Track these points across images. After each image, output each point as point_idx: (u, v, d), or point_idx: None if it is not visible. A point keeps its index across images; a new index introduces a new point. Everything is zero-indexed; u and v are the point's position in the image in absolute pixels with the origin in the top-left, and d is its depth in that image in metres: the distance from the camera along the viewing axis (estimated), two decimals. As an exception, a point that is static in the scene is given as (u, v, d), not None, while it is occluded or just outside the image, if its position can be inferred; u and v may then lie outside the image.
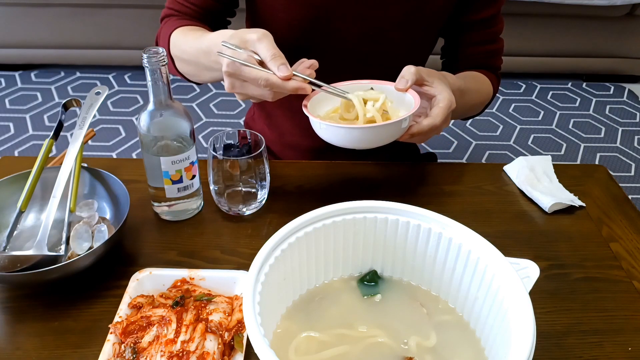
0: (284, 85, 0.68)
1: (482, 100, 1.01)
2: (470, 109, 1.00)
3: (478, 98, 0.98)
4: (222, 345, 0.58)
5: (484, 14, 0.96)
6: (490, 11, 0.96)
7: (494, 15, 0.97)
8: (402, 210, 0.56)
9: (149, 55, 0.67)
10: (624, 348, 0.63)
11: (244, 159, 0.76)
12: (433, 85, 0.78)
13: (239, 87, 0.71)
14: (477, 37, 0.98)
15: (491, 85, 1.01)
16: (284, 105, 1.02)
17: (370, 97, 0.77)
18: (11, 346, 0.61)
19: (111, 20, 2.46)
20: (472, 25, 0.97)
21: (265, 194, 0.81)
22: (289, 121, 1.05)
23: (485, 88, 1.00)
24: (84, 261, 0.65)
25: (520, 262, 0.55)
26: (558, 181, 0.89)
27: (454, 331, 0.56)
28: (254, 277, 0.49)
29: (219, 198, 0.79)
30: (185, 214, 0.79)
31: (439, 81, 0.78)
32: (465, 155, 2.21)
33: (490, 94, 1.02)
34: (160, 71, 0.69)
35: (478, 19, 0.96)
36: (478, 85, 0.98)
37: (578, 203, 0.84)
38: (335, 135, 0.74)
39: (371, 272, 0.61)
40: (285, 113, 1.04)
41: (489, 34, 0.99)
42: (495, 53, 1.02)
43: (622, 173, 2.14)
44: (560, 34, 2.56)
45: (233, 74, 0.69)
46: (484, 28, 0.98)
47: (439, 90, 0.77)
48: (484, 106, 1.04)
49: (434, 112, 0.76)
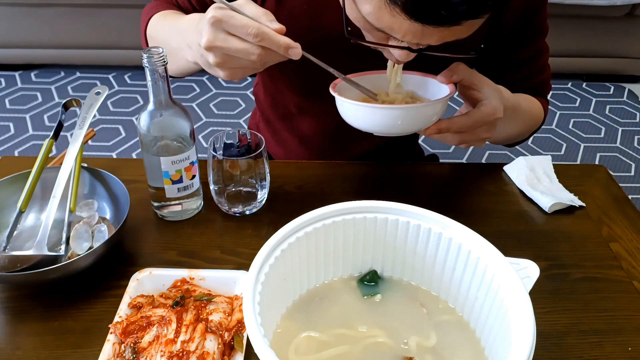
0: (276, 37, 0.59)
1: (533, 123, 0.93)
2: (519, 132, 0.92)
3: (530, 120, 0.91)
4: (222, 345, 0.58)
5: (529, 51, 0.87)
6: (535, 46, 0.88)
7: (539, 49, 0.89)
8: (402, 210, 0.56)
9: (149, 55, 0.67)
10: (624, 348, 0.63)
11: (243, 159, 0.75)
12: (482, 91, 0.71)
13: (222, 40, 0.60)
14: (522, 73, 0.90)
15: (542, 110, 0.94)
16: (293, 128, 1.00)
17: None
18: (11, 346, 0.61)
19: (111, 20, 2.46)
20: (516, 64, 0.89)
21: (265, 194, 0.81)
22: (297, 144, 1.02)
23: (537, 112, 0.92)
24: (84, 261, 0.65)
25: (520, 262, 0.55)
26: (558, 181, 0.89)
27: (454, 331, 0.56)
28: (254, 277, 0.49)
29: (219, 198, 0.79)
30: (185, 214, 0.79)
31: (489, 88, 0.71)
32: (465, 156, 2.21)
33: (541, 119, 0.95)
34: (160, 71, 0.69)
35: (522, 57, 0.88)
36: (531, 107, 0.90)
37: (578, 203, 0.84)
38: (355, 113, 0.69)
39: (371, 272, 0.61)
40: (294, 137, 1.02)
41: (535, 66, 0.90)
42: (543, 83, 0.93)
43: (622, 173, 2.14)
44: (560, 34, 2.55)
45: (220, 19, 0.59)
46: (529, 63, 0.89)
47: (486, 96, 0.70)
48: (532, 131, 0.96)
49: (473, 112, 0.70)
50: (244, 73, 0.65)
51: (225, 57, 0.61)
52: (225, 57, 0.61)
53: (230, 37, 0.60)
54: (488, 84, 0.72)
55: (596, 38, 2.58)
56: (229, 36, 0.60)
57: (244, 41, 0.60)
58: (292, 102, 0.96)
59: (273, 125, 1.04)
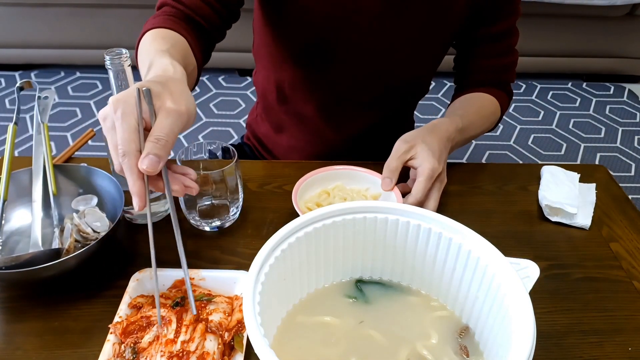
0: (132, 178, 0.53)
1: (487, 127, 0.99)
2: (474, 138, 0.98)
3: (481, 126, 0.96)
4: (222, 345, 0.58)
5: (500, 27, 0.94)
6: (505, 24, 0.94)
7: (510, 27, 0.95)
8: (402, 210, 0.56)
9: (112, 57, 0.64)
10: (624, 348, 0.63)
11: (215, 172, 0.72)
12: (416, 157, 0.79)
13: (109, 125, 0.55)
14: (492, 49, 0.96)
15: (499, 107, 0.99)
16: (290, 111, 1.03)
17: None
18: (11, 346, 0.61)
19: (111, 20, 2.46)
20: (487, 38, 0.95)
21: (239, 209, 0.78)
22: (295, 126, 1.05)
23: (490, 114, 0.98)
24: (81, 256, 0.65)
25: (520, 262, 0.55)
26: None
27: (454, 331, 0.56)
28: (254, 277, 0.49)
29: (189, 212, 0.77)
30: (154, 216, 0.77)
31: (421, 149, 0.78)
32: (465, 155, 2.21)
33: (497, 117, 1.00)
34: (127, 72, 0.65)
35: (493, 32, 0.94)
36: (481, 114, 0.96)
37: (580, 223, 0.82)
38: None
39: (371, 273, 0.61)
40: (292, 118, 1.04)
41: (504, 46, 0.97)
42: (509, 66, 1.00)
43: (622, 173, 2.14)
44: (560, 34, 2.56)
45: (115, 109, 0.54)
46: (498, 41, 0.96)
47: (419, 161, 0.78)
48: (490, 129, 1.02)
49: (415, 188, 0.77)
50: None
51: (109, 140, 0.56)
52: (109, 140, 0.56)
53: (113, 131, 0.55)
54: (421, 141, 0.79)
55: (596, 38, 2.58)
56: (113, 129, 0.55)
57: (116, 148, 0.54)
58: (286, 81, 0.98)
59: (271, 110, 1.06)
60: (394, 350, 0.53)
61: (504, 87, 1.00)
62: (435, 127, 0.84)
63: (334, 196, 0.82)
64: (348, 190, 0.83)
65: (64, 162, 0.89)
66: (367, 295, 0.59)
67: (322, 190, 0.83)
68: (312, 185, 0.81)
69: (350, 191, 0.83)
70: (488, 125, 0.99)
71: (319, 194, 0.82)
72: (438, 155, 0.79)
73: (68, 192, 0.78)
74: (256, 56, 1.05)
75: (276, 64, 0.98)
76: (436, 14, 0.89)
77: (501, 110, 1.00)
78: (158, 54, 0.66)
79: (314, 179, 0.81)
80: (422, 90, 1.07)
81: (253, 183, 0.88)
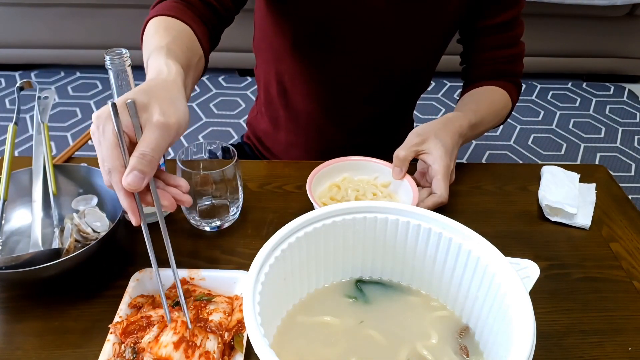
0: (120, 194, 0.53)
1: (497, 122, 0.99)
2: (484, 133, 0.98)
3: (492, 121, 0.96)
4: (222, 345, 0.58)
5: (502, 17, 0.93)
6: (508, 14, 0.93)
7: (514, 18, 0.94)
8: (402, 210, 0.56)
9: (111, 57, 0.64)
10: (624, 348, 0.63)
11: (215, 172, 0.72)
12: (429, 152, 0.79)
13: (95, 141, 0.54)
14: (496, 41, 0.95)
15: (509, 100, 0.98)
16: (289, 104, 1.03)
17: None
18: (11, 346, 0.61)
19: (111, 20, 2.46)
20: (490, 29, 0.94)
21: (239, 209, 0.78)
22: (294, 121, 1.05)
23: (501, 107, 0.97)
24: (81, 256, 0.65)
25: (520, 262, 0.55)
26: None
27: (454, 331, 0.56)
28: (254, 277, 0.49)
29: (189, 212, 0.77)
30: (152, 217, 0.76)
31: (434, 145, 0.78)
32: (465, 155, 2.21)
33: (508, 111, 1.00)
34: (125, 72, 0.65)
35: (496, 23, 0.93)
36: (493, 108, 0.95)
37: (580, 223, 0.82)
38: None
39: (371, 273, 0.61)
40: (291, 112, 1.04)
41: (508, 37, 0.96)
42: (516, 58, 0.99)
43: (622, 173, 2.14)
44: (560, 34, 2.56)
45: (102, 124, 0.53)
46: (502, 32, 0.95)
47: (433, 159, 0.78)
48: (501, 122, 1.02)
49: (437, 188, 0.76)
50: None
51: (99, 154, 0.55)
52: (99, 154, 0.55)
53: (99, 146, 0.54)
54: (433, 137, 0.79)
55: (596, 38, 2.58)
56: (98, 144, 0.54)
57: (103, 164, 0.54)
58: (286, 73, 0.98)
59: (271, 104, 1.06)
60: (394, 350, 0.53)
61: (512, 79, 1.00)
62: (449, 121, 0.84)
63: (345, 188, 0.81)
64: (357, 181, 0.82)
65: (64, 162, 0.89)
66: (367, 295, 0.59)
67: (331, 184, 0.82)
68: (319, 181, 0.81)
69: (359, 182, 0.82)
70: (498, 120, 0.99)
71: (329, 188, 0.82)
72: (450, 152, 0.79)
73: (68, 192, 0.78)
74: (256, 50, 1.05)
75: (276, 55, 0.98)
76: (436, 3, 0.89)
77: (512, 103, 1.00)
78: (155, 52, 0.64)
79: (320, 175, 0.80)
80: (422, 86, 1.07)
81: (253, 183, 0.88)
